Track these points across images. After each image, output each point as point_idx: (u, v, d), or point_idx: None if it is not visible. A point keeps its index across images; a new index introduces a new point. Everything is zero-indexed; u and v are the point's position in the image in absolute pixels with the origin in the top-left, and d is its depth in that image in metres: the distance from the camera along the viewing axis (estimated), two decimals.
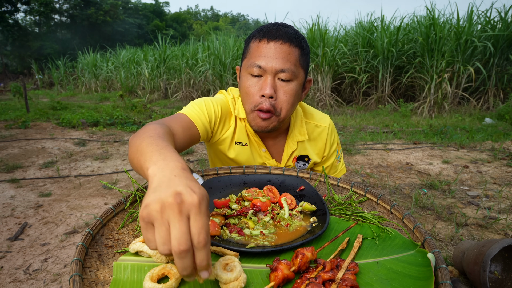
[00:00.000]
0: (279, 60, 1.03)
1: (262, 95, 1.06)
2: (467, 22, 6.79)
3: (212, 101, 1.21)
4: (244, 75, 1.11)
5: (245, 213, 0.87)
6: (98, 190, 2.95)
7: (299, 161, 1.33)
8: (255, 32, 1.10)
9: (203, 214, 0.50)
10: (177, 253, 0.48)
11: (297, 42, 1.06)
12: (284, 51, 1.03)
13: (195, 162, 3.77)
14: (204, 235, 0.49)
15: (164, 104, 9.21)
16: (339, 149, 1.41)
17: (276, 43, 1.04)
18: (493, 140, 4.43)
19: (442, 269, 0.65)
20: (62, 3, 31.80)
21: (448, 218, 2.23)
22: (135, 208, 0.89)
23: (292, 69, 1.05)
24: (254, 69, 1.05)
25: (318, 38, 7.92)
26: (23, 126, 5.67)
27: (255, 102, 1.08)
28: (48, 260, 1.91)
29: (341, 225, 0.86)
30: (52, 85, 16.27)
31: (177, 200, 0.49)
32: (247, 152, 1.27)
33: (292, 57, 1.05)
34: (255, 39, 1.08)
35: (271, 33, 1.05)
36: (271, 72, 1.04)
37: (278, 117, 1.10)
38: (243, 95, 1.12)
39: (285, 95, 1.07)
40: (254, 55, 1.07)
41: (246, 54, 1.12)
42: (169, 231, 0.49)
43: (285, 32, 1.05)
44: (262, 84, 1.06)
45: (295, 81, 1.08)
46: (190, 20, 53.82)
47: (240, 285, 0.61)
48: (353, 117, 6.98)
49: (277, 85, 1.06)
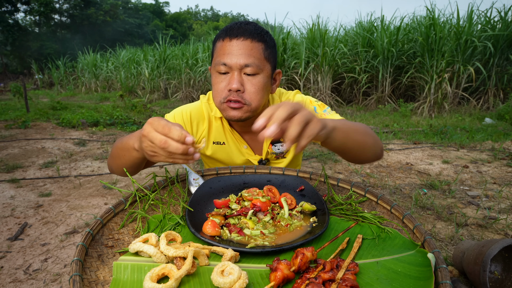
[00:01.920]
0: (243, 56, 1.08)
1: (229, 89, 1.10)
2: (467, 22, 6.79)
3: (183, 110, 1.30)
4: (213, 74, 1.16)
5: (245, 213, 0.87)
6: (98, 190, 2.95)
7: (275, 145, 1.33)
8: (219, 33, 1.15)
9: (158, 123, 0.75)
10: (163, 143, 0.73)
11: (259, 37, 1.11)
12: (246, 47, 1.08)
13: (195, 162, 3.77)
14: (171, 126, 0.74)
15: (164, 104, 9.21)
16: (318, 105, 1.27)
17: (238, 40, 1.09)
18: (493, 140, 4.43)
19: (442, 269, 0.65)
20: (62, 3, 31.80)
21: (448, 218, 2.23)
22: (135, 208, 0.89)
23: (256, 63, 1.09)
24: (221, 67, 1.11)
25: (318, 38, 7.92)
26: (23, 126, 5.67)
27: (224, 95, 1.12)
28: (48, 260, 1.91)
29: (341, 225, 0.86)
30: (52, 85, 16.27)
31: (147, 126, 0.77)
32: (225, 150, 1.32)
33: (255, 51, 1.09)
34: (219, 39, 1.13)
35: (233, 31, 1.10)
36: (237, 68, 1.09)
37: (249, 106, 1.13)
38: (213, 92, 1.18)
39: (253, 87, 1.11)
40: (219, 53, 1.12)
41: (213, 54, 1.17)
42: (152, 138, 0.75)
43: (246, 29, 1.10)
44: (230, 80, 1.11)
45: (261, 74, 1.12)
46: (190, 20, 53.84)
47: (244, 281, 0.61)
48: (353, 117, 6.98)
49: (244, 79, 1.11)
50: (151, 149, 0.77)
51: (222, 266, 0.65)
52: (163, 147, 0.73)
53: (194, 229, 0.77)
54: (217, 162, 1.38)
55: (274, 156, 1.35)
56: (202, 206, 0.91)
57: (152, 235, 0.73)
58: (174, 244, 0.72)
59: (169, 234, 0.74)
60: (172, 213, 0.88)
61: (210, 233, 0.78)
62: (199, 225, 0.81)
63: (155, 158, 0.79)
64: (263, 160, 1.33)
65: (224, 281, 0.60)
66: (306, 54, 7.91)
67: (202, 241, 0.76)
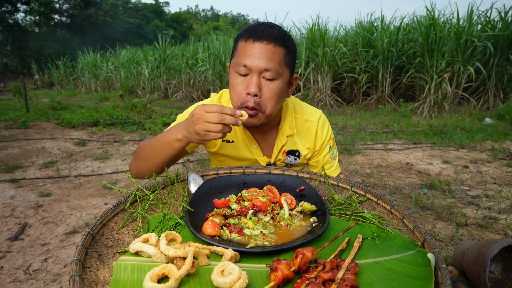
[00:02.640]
0: (264, 60, 1.08)
1: (247, 93, 1.11)
2: (467, 22, 6.79)
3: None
4: (232, 73, 1.16)
5: (245, 213, 0.87)
6: (98, 190, 2.95)
7: (289, 156, 1.36)
8: (243, 32, 1.15)
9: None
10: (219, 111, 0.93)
11: (282, 41, 1.10)
12: (268, 51, 1.08)
13: (195, 162, 3.77)
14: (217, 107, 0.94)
15: (164, 104, 9.21)
16: (332, 144, 1.41)
17: (261, 43, 1.08)
18: (493, 140, 4.43)
19: (442, 269, 0.65)
20: (62, 3, 31.79)
21: (448, 218, 2.23)
22: (135, 208, 0.89)
23: (276, 69, 1.09)
24: (241, 68, 1.10)
25: (318, 38, 7.92)
26: (23, 126, 5.67)
27: (242, 100, 1.13)
28: (48, 260, 1.91)
29: (341, 225, 0.86)
30: (52, 85, 16.26)
31: (197, 110, 0.96)
32: (234, 148, 1.33)
33: (276, 56, 1.09)
34: (242, 39, 1.13)
35: (257, 33, 1.09)
36: (256, 71, 1.09)
37: (264, 113, 1.15)
38: (231, 92, 1.18)
39: (270, 93, 1.12)
40: (240, 54, 1.11)
41: (234, 53, 1.17)
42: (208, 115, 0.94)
43: (270, 32, 1.09)
44: (248, 83, 1.11)
45: (280, 80, 1.12)
46: (190, 20, 53.83)
47: (244, 281, 0.61)
48: (353, 117, 6.98)
49: (262, 83, 1.11)
50: (205, 128, 0.94)
51: (222, 266, 0.65)
52: (220, 120, 0.92)
53: (194, 229, 0.77)
54: (226, 158, 1.38)
55: (284, 165, 1.38)
56: (202, 206, 0.91)
57: (152, 235, 0.73)
58: (174, 244, 0.72)
59: (169, 234, 0.74)
60: (172, 213, 0.88)
61: (210, 233, 0.78)
62: (199, 225, 0.81)
63: (206, 136, 0.95)
64: (270, 163, 1.35)
65: (224, 281, 0.60)
66: (306, 54, 7.91)
67: (202, 241, 0.76)
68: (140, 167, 1.16)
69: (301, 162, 1.40)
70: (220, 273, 0.63)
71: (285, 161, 1.37)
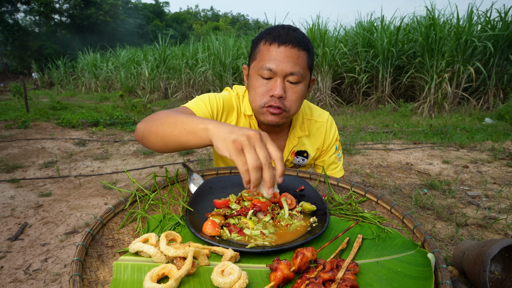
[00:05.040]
0: (289, 64, 1.08)
1: (271, 95, 1.11)
2: (467, 22, 6.79)
3: (216, 96, 1.27)
4: (254, 76, 1.15)
5: (245, 213, 0.87)
6: (98, 190, 2.95)
7: (298, 156, 1.37)
8: (265, 35, 1.13)
9: (272, 142, 0.72)
10: (265, 165, 0.68)
11: (304, 45, 1.11)
12: (293, 55, 1.09)
13: (195, 162, 3.77)
14: (280, 152, 0.72)
15: (164, 104, 9.21)
16: (338, 146, 1.43)
17: (286, 47, 1.08)
18: (493, 140, 4.43)
19: (442, 269, 0.65)
20: (62, 3, 31.78)
21: (448, 218, 2.23)
22: (135, 208, 0.89)
23: (300, 72, 1.10)
24: (265, 71, 1.10)
25: (318, 38, 7.92)
26: (23, 126, 5.67)
27: (265, 100, 1.13)
28: (48, 260, 1.91)
29: (341, 225, 0.86)
30: (52, 85, 16.27)
31: (257, 134, 0.70)
32: None
33: (301, 60, 1.10)
34: (265, 42, 1.12)
35: (281, 37, 1.09)
36: (281, 75, 1.09)
37: (288, 113, 1.16)
38: (253, 95, 1.17)
39: (294, 95, 1.13)
40: (264, 58, 1.11)
41: (256, 55, 1.15)
42: (256, 152, 0.68)
43: (294, 36, 1.09)
44: (273, 86, 1.11)
45: (303, 83, 1.14)
46: (190, 20, 53.83)
47: (245, 281, 0.61)
48: (353, 117, 6.98)
49: (286, 86, 1.12)
50: (243, 146, 0.68)
51: (222, 266, 0.65)
52: (262, 163, 0.68)
53: (194, 229, 0.77)
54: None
55: (292, 165, 1.38)
56: (202, 206, 0.91)
57: (152, 235, 0.73)
58: (174, 244, 0.72)
59: (169, 234, 0.74)
60: (172, 213, 0.88)
61: (210, 233, 0.78)
62: (199, 225, 0.80)
63: (239, 158, 0.68)
64: None
65: (224, 281, 0.60)
66: None
67: (202, 241, 0.76)
68: (148, 130, 0.95)
69: (309, 162, 1.41)
70: (220, 273, 0.63)
71: (293, 161, 1.37)
